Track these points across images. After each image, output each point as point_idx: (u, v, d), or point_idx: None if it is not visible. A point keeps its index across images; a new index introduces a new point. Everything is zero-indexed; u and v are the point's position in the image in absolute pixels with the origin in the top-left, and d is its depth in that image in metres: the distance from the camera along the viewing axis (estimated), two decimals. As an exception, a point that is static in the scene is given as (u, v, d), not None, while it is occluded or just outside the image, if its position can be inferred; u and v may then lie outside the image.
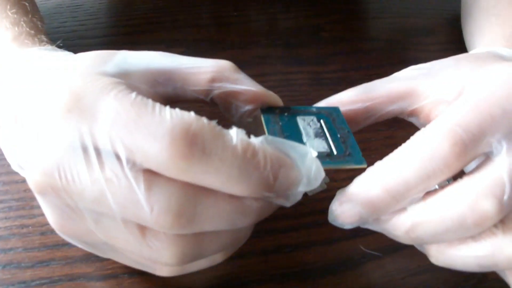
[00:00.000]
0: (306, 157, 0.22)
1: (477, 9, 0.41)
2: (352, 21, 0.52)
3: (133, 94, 0.20)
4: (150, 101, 0.20)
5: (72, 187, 0.20)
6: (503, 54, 0.29)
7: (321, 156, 0.23)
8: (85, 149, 0.20)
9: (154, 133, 0.19)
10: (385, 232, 0.24)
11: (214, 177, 0.20)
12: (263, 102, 0.26)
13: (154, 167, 0.19)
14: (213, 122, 0.20)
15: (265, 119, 0.25)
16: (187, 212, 0.20)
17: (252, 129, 0.25)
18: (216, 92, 0.25)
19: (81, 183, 0.20)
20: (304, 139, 0.24)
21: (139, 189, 0.20)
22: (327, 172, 0.22)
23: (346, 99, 0.27)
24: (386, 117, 0.28)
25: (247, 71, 0.26)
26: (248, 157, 0.20)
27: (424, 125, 0.23)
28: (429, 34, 0.51)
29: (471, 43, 0.40)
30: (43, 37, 0.30)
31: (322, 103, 0.28)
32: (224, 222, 0.21)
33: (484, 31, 0.37)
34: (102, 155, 0.20)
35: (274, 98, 0.26)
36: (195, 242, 0.22)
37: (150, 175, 0.20)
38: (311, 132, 0.25)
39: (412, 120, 0.28)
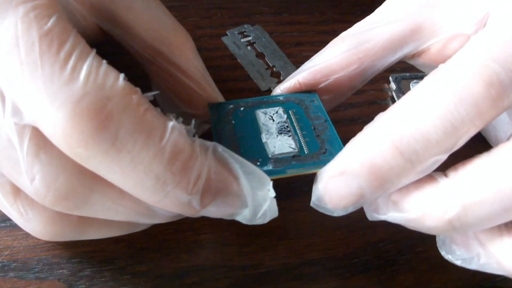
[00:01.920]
0: (260, 190, 0.17)
1: None
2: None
3: (52, 20, 0.15)
4: (71, 38, 0.15)
5: None
6: None
7: (285, 160, 0.19)
8: None
9: (55, 91, 0.15)
10: (406, 223, 0.18)
11: (119, 178, 0.16)
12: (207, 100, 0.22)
13: (46, 134, 0.15)
14: (146, 103, 0.16)
15: (212, 119, 0.21)
16: (77, 198, 0.16)
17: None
18: (154, 67, 0.21)
19: None
20: (264, 138, 0.20)
21: (20, 148, 0.16)
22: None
23: (338, 65, 0.22)
24: (385, 69, 0.23)
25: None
26: (177, 168, 0.16)
27: (431, 68, 0.18)
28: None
29: None
30: None
31: (302, 75, 0.23)
32: (122, 218, 0.18)
33: None
34: None
35: (220, 99, 0.23)
36: (77, 225, 0.18)
37: (41, 139, 0.16)
38: (274, 128, 0.21)
39: (415, 62, 0.23)
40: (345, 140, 0.20)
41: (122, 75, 0.16)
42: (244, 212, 0.18)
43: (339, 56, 0.22)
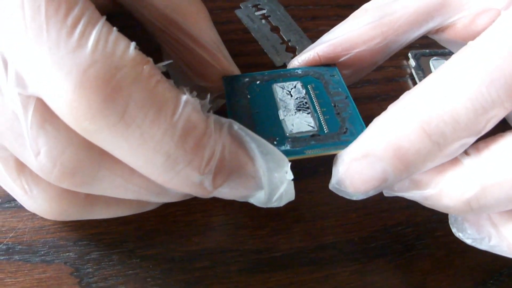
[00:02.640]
0: (278, 171, 0.16)
1: None
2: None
3: None
4: (80, 2, 0.14)
5: None
6: None
7: (304, 139, 0.18)
8: None
9: (61, 58, 0.13)
10: (426, 201, 0.18)
11: (128, 155, 0.15)
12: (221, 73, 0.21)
13: (51, 105, 0.14)
14: (158, 74, 0.15)
15: (227, 93, 0.20)
16: (84, 174, 0.15)
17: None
18: (166, 37, 0.20)
19: None
20: (281, 115, 0.19)
21: (25, 120, 0.15)
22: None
23: (360, 38, 0.21)
24: (408, 44, 0.22)
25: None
26: (189, 145, 0.15)
27: (457, 44, 0.17)
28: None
29: None
30: None
31: (321, 47, 0.21)
32: (131, 196, 0.17)
33: None
34: None
35: (236, 71, 0.21)
36: (85, 203, 0.18)
37: (46, 111, 0.15)
38: (292, 104, 0.19)
39: (439, 38, 0.22)
40: (363, 119, 0.19)
41: (133, 44, 0.15)
42: (259, 194, 0.17)
43: (361, 29, 0.21)
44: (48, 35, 0.14)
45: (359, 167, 0.17)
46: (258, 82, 0.21)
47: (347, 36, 0.21)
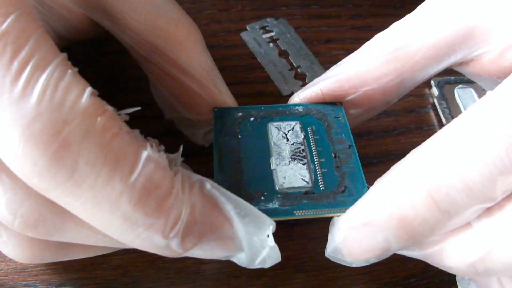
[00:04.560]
0: (258, 235, 0.15)
1: None
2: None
3: (9, 20, 0.13)
4: (31, 41, 0.13)
5: None
6: None
7: (295, 196, 0.16)
8: None
9: (4, 110, 0.12)
10: (426, 259, 0.16)
11: (84, 215, 0.13)
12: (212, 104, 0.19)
13: (1, 157, 0.13)
14: (116, 126, 0.13)
15: (215, 129, 0.18)
16: (47, 225, 0.14)
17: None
18: (150, 66, 0.19)
19: None
20: (273, 163, 0.17)
21: None
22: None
23: (370, 74, 0.18)
24: (427, 80, 0.20)
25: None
26: (150, 207, 0.13)
27: (483, 79, 0.16)
28: None
29: None
30: None
31: (326, 83, 0.19)
32: (102, 244, 0.16)
33: None
34: None
35: (229, 102, 0.19)
36: (57, 248, 0.17)
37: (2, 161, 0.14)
38: (287, 150, 0.17)
39: (463, 70, 0.20)
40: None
41: (88, 90, 0.13)
42: (240, 255, 0.16)
43: (372, 64, 0.19)
44: None
45: (358, 236, 0.15)
46: (252, 118, 0.19)
47: (355, 72, 0.19)
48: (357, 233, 0.15)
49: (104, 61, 0.27)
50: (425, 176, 0.14)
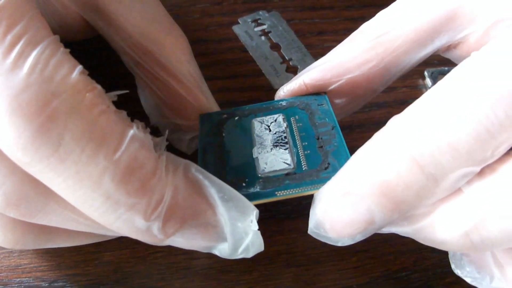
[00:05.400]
0: (241, 221, 0.14)
1: None
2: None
3: None
4: (25, 19, 0.13)
5: None
6: None
7: (277, 179, 0.16)
8: None
9: None
10: (417, 235, 0.15)
11: (64, 193, 0.13)
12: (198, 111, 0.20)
13: None
14: (103, 104, 0.13)
15: (200, 133, 0.18)
16: (30, 205, 0.14)
17: None
18: (140, 69, 0.19)
19: None
20: (255, 152, 0.17)
21: None
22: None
23: (352, 62, 0.18)
24: (413, 66, 0.19)
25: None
26: (133, 187, 0.13)
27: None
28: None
29: None
30: None
31: (308, 74, 0.19)
32: (84, 229, 0.16)
33: None
34: None
35: (215, 109, 0.20)
36: (40, 232, 0.16)
37: None
38: (269, 139, 0.17)
39: (451, 55, 0.20)
40: None
41: (79, 68, 0.13)
42: (222, 245, 0.15)
43: (354, 51, 0.18)
44: None
45: (339, 207, 0.14)
46: (236, 118, 0.19)
47: (338, 61, 0.19)
48: (338, 204, 0.14)
49: (98, 57, 0.28)
50: (408, 140, 0.13)
